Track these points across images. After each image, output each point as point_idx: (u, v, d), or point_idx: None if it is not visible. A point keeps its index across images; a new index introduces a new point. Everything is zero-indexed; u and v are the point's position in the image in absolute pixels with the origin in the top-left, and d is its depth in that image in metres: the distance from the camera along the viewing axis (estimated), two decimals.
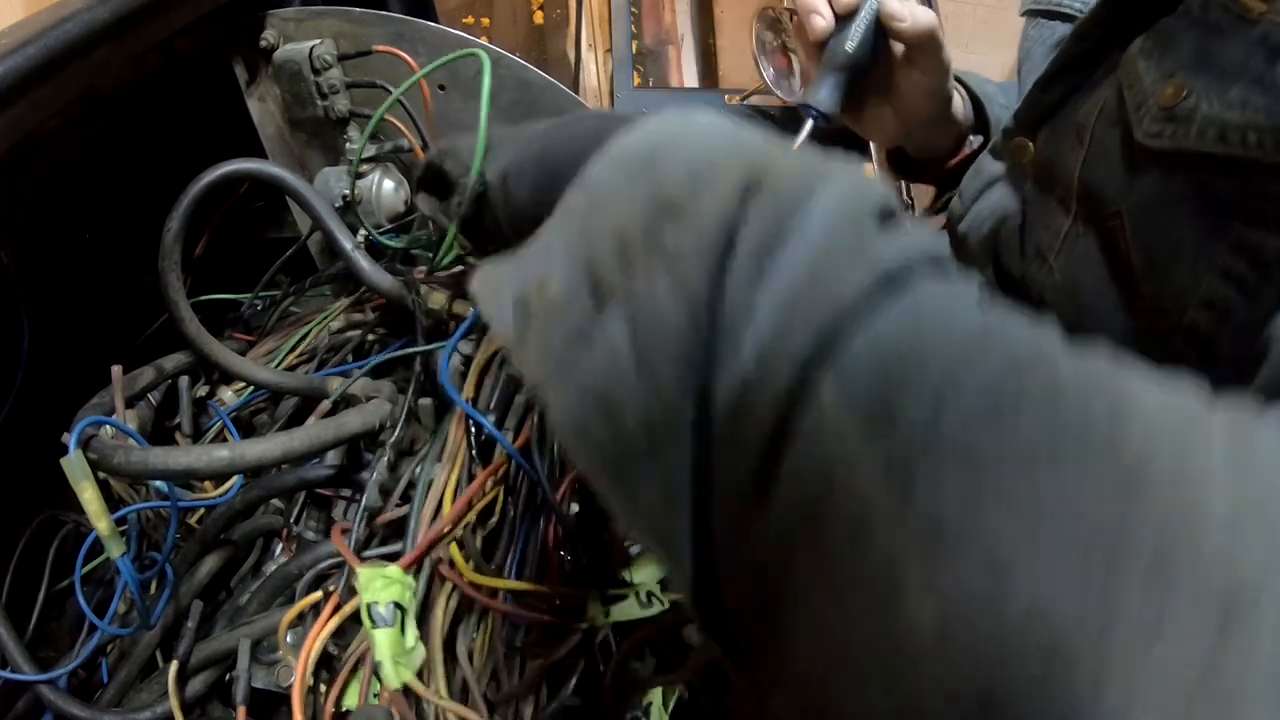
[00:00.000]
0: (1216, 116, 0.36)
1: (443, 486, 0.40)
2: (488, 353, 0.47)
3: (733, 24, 2.17)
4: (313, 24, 0.60)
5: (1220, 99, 0.36)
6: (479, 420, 0.41)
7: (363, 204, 0.62)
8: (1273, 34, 0.35)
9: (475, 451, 0.42)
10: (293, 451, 0.39)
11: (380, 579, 0.34)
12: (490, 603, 0.37)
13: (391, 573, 0.35)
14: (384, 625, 0.33)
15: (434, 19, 0.87)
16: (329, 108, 0.60)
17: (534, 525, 0.42)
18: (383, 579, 0.34)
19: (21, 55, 0.40)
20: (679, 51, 2.17)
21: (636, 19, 2.02)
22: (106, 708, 0.42)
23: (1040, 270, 0.49)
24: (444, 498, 0.39)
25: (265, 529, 0.49)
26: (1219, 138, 0.36)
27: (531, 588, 0.38)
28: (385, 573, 0.35)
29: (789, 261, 0.21)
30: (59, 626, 0.51)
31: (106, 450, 0.36)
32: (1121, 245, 0.42)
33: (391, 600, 0.34)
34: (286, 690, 0.43)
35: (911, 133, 0.65)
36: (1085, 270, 0.45)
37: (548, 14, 2.37)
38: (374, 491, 0.41)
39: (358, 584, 0.34)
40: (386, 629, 0.33)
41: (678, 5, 2.19)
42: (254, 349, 0.61)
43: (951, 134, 0.65)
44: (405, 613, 0.34)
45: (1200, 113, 0.37)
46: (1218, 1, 0.38)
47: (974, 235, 0.57)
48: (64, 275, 0.59)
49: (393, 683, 0.33)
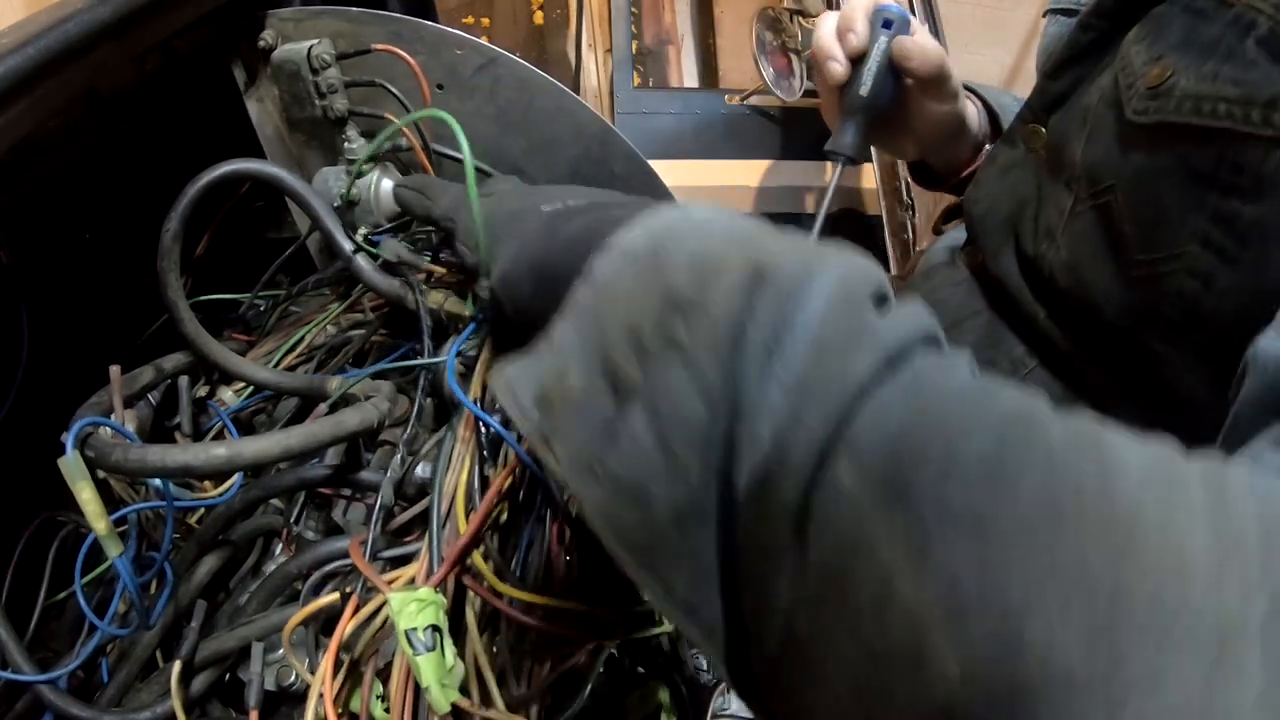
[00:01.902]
0: (1193, 90, 0.39)
1: (453, 490, 0.40)
2: (491, 354, 0.47)
3: (733, 24, 2.17)
4: (311, 24, 0.60)
5: (1196, 74, 0.39)
6: (487, 421, 0.41)
7: (361, 204, 0.62)
8: (1245, 14, 0.38)
9: (486, 452, 0.42)
10: (290, 449, 0.39)
11: (414, 603, 0.34)
12: (519, 616, 0.37)
13: (424, 595, 0.34)
14: (425, 651, 0.33)
15: (434, 19, 0.87)
16: (327, 107, 0.60)
17: (540, 527, 0.42)
18: (416, 603, 0.34)
19: (21, 55, 0.40)
20: (679, 51, 2.18)
21: (636, 19, 2.02)
22: (106, 708, 0.42)
23: (1049, 249, 0.52)
24: (456, 502, 0.39)
25: (265, 529, 0.49)
26: (1195, 109, 0.39)
27: (558, 603, 0.38)
28: (418, 596, 0.34)
29: (796, 348, 0.22)
30: (59, 627, 0.51)
31: (104, 448, 0.36)
32: (1115, 218, 0.45)
33: (429, 624, 0.33)
34: (287, 690, 0.43)
35: (929, 151, 0.69)
36: (1086, 245, 0.48)
37: (548, 14, 2.37)
38: (389, 490, 0.41)
39: (390, 610, 0.34)
40: (429, 654, 0.33)
41: (678, 5, 2.19)
42: (254, 349, 0.61)
43: (968, 146, 0.69)
44: (442, 633, 0.34)
45: (1179, 88, 0.40)
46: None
47: (992, 218, 0.60)
48: (64, 275, 0.59)
49: (443, 706, 0.32)
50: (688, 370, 0.23)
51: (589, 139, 0.62)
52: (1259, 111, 0.37)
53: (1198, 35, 0.40)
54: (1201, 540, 0.19)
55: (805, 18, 1.78)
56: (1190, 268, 0.43)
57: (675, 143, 1.87)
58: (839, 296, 0.23)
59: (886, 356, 0.22)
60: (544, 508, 0.42)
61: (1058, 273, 0.51)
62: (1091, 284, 0.48)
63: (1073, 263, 0.49)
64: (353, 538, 0.42)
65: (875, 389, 0.21)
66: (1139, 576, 0.18)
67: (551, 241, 0.34)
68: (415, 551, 0.41)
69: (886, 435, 0.21)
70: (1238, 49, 0.38)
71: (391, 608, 0.34)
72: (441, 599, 0.35)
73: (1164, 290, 0.44)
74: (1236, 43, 0.38)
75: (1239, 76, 0.37)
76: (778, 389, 0.22)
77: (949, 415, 0.21)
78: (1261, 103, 0.36)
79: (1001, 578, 0.18)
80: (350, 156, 0.62)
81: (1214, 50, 0.39)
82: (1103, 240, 0.47)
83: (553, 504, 0.41)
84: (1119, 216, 0.45)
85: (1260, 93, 0.36)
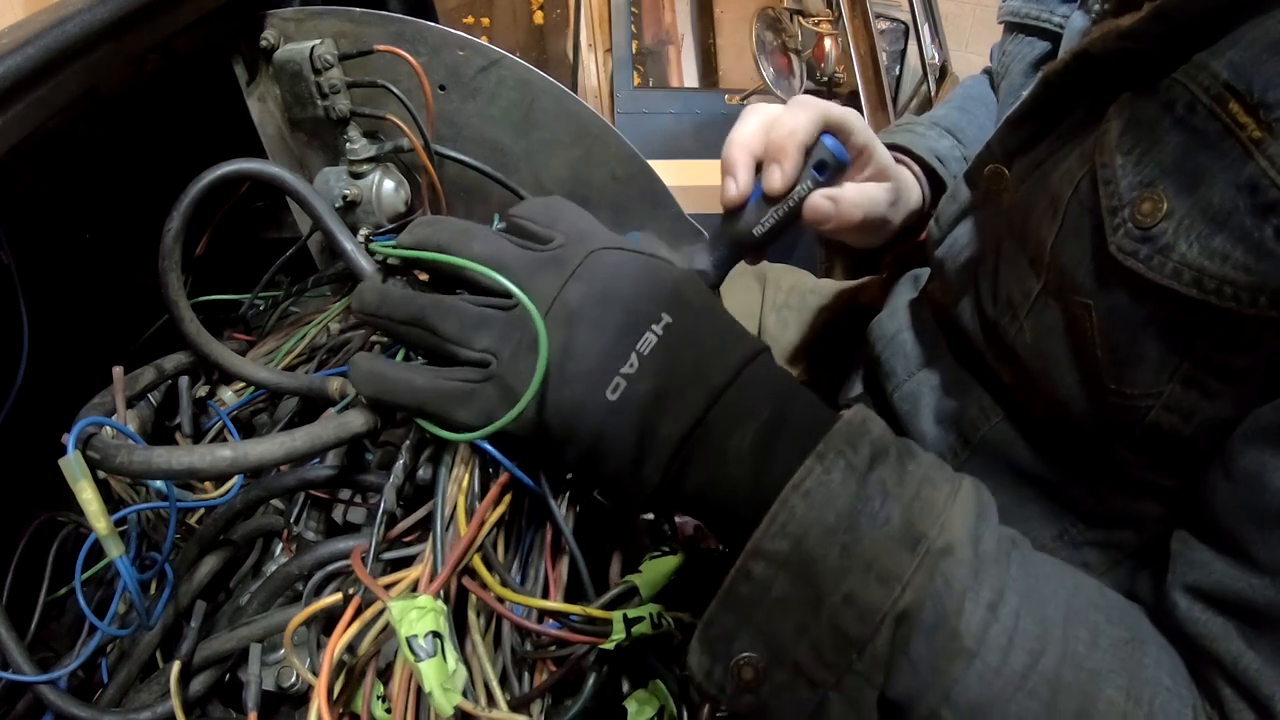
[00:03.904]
0: (1195, 263, 0.35)
1: (455, 494, 0.40)
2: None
3: (733, 24, 2.17)
4: (313, 24, 0.60)
5: (1201, 245, 0.35)
6: (487, 450, 0.40)
7: (362, 204, 0.62)
8: (1261, 185, 0.33)
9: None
10: (295, 451, 0.39)
11: (414, 610, 0.33)
12: (518, 619, 0.37)
13: (423, 602, 0.34)
14: (427, 657, 0.33)
15: (434, 19, 0.87)
16: (329, 108, 0.60)
17: (540, 530, 0.42)
18: (416, 610, 0.34)
19: (21, 55, 0.40)
20: (679, 51, 2.18)
21: (636, 19, 2.02)
22: (107, 708, 0.42)
23: (1011, 325, 0.48)
24: (458, 506, 0.39)
25: (265, 529, 0.49)
26: (1195, 283, 0.35)
27: (564, 607, 0.38)
28: (417, 603, 0.34)
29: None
30: (59, 627, 0.51)
31: (108, 450, 0.36)
32: (1089, 335, 0.41)
33: (429, 630, 0.33)
34: (288, 690, 0.43)
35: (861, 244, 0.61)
36: (1054, 343, 0.44)
37: (548, 14, 2.37)
38: (391, 495, 0.41)
39: (390, 618, 0.34)
40: (430, 660, 0.33)
41: (678, 5, 2.19)
42: (254, 349, 0.61)
43: (905, 223, 0.62)
44: (443, 638, 0.33)
45: (1177, 251, 0.35)
46: (1204, 105, 0.35)
47: (951, 264, 0.56)
48: (64, 275, 0.59)
49: (445, 710, 0.32)
50: (869, 684, 0.34)
51: (590, 140, 0.62)
52: (1268, 297, 0.33)
53: (1199, 175, 0.35)
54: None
55: (805, 18, 1.78)
56: (1170, 405, 0.40)
57: (675, 143, 1.87)
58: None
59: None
60: (542, 516, 0.42)
61: (1021, 352, 0.47)
62: (1058, 381, 0.44)
63: (1040, 352, 0.45)
64: (355, 546, 0.42)
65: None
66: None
67: (609, 431, 0.36)
68: (418, 554, 0.41)
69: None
70: (1254, 235, 0.33)
71: (392, 615, 0.34)
72: (441, 605, 0.35)
73: (1138, 419, 0.41)
74: (1253, 223, 0.33)
75: (1253, 265, 0.33)
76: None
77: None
78: (1272, 289, 0.33)
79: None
80: (352, 156, 0.62)
81: (1224, 224, 0.34)
82: (1072, 349, 0.43)
83: (550, 515, 0.41)
84: (1091, 339, 0.41)
85: (1273, 281, 0.33)
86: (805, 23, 1.76)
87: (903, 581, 0.33)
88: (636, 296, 0.37)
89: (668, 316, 0.37)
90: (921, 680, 0.34)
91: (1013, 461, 0.51)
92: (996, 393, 0.52)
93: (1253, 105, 0.33)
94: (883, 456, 0.36)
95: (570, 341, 0.36)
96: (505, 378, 0.36)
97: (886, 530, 0.34)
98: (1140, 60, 0.38)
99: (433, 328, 0.39)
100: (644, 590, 0.40)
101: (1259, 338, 0.35)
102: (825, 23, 1.75)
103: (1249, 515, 0.35)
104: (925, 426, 0.57)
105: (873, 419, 0.37)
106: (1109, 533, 0.48)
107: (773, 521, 0.34)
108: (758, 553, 0.34)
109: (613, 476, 0.37)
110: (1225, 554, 0.36)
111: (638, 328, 0.36)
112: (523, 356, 0.36)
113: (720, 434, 0.36)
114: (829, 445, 0.35)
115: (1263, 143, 0.32)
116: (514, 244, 0.40)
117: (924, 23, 1.97)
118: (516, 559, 0.41)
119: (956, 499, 0.36)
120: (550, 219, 0.41)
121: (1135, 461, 0.44)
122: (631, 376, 0.36)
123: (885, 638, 0.33)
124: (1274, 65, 0.32)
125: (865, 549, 0.34)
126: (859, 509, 0.34)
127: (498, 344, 0.37)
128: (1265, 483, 0.34)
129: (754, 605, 0.35)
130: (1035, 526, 0.50)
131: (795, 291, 0.87)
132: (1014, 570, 0.35)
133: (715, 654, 0.35)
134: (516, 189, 0.64)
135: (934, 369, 0.58)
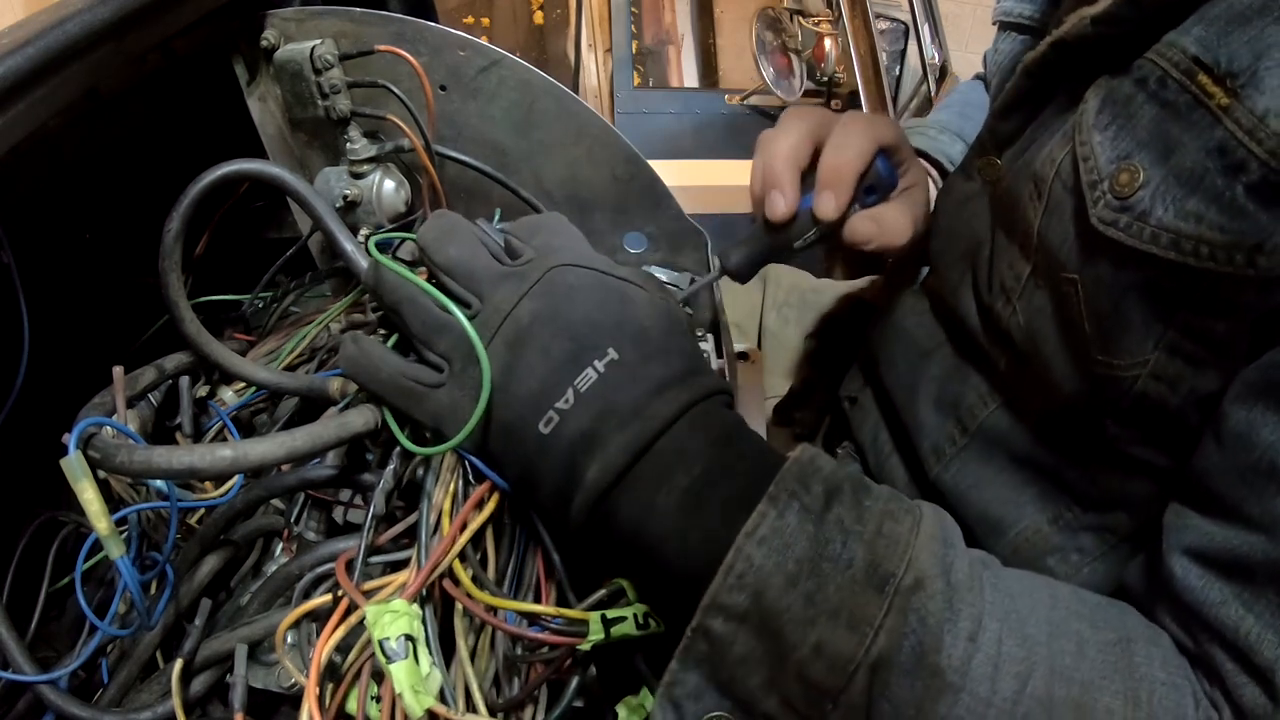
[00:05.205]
0: (1171, 225, 0.36)
1: (441, 501, 0.40)
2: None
3: (733, 24, 2.17)
4: (313, 24, 0.60)
5: (1176, 207, 0.36)
6: (472, 462, 0.40)
7: (363, 204, 0.62)
8: (1229, 147, 0.34)
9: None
10: (296, 451, 0.39)
11: (387, 614, 0.34)
12: (495, 622, 0.37)
13: (397, 606, 0.34)
14: (398, 659, 0.33)
15: (434, 19, 0.87)
16: (330, 108, 0.60)
17: (526, 536, 0.42)
18: (389, 614, 0.34)
19: (21, 55, 0.39)
20: (679, 51, 2.18)
21: (636, 19, 2.02)
22: (107, 708, 0.42)
23: (1005, 310, 0.49)
24: (444, 513, 0.39)
25: (266, 529, 0.49)
26: (1173, 245, 0.36)
27: (538, 609, 0.38)
28: (391, 608, 0.34)
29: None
30: (59, 627, 0.51)
31: (109, 450, 0.36)
32: (1075, 309, 0.42)
33: (401, 633, 0.33)
34: (287, 691, 0.43)
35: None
36: (1044, 323, 0.46)
37: (548, 14, 2.37)
38: (380, 500, 0.41)
39: (367, 622, 0.34)
40: (400, 662, 0.33)
41: (678, 5, 2.19)
42: (254, 349, 0.61)
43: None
44: (416, 641, 0.34)
45: (1154, 216, 0.37)
46: (1174, 79, 0.36)
47: (949, 254, 0.57)
48: (64, 275, 0.59)
49: (415, 712, 0.32)
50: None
51: (590, 141, 0.62)
52: (1244, 255, 0.34)
53: (1172, 143, 0.36)
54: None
55: (805, 18, 1.78)
56: (1156, 374, 0.41)
57: (675, 142, 1.87)
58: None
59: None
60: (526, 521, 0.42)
61: (1015, 335, 0.48)
62: (1050, 359, 0.46)
63: (1032, 334, 0.47)
64: (342, 553, 0.42)
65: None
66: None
67: (540, 463, 0.37)
68: (409, 557, 0.41)
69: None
70: (1225, 194, 0.34)
71: (368, 619, 0.34)
72: (415, 609, 0.35)
73: (1126, 390, 0.42)
74: (1225, 186, 0.34)
75: (1226, 224, 0.34)
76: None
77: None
78: (1248, 247, 0.34)
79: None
80: (352, 157, 0.62)
81: (1196, 186, 0.35)
82: (1060, 327, 0.45)
83: (532, 525, 0.41)
84: (1078, 312, 0.42)
85: (1247, 239, 0.34)
86: (805, 23, 1.76)
87: (874, 626, 0.32)
88: (587, 324, 0.37)
89: (613, 352, 0.36)
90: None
91: (1010, 447, 0.52)
92: (993, 379, 0.53)
93: (1220, 76, 0.34)
94: (837, 494, 0.34)
95: (515, 362, 0.37)
96: (454, 388, 0.38)
97: (851, 573, 0.32)
98: (1114, 44, 0.40)
99: (404, 321, 0.40)
100: (631, 591, 0.40)
101: (1238, 299, 0.36)
102: (825, 23, 1.75)
103: (1240, 475, 0.35)
104: (924, 415, 0.58)
105: (821, 456, 0.36)
106: (1103, 516, 0.49)
107: (729, 572, 0.32)
108: (715, 607, 0.33)
109: (542, 507, 0.38)
110: (1219, 517, 0.36)
111: (580, 361, 0.36)
112: (470, 370, 0.37)
113: (648, 486, 0.35)
114: (779, 487, 0.34)
115: (1230, 108, 0.34)
116: (489, 253, 0.41)
117: (924, 23, 1.98)
118: (511, 563, 0.41)
119: (920, 529, 0.34)
120: (530, 233, 0.43)
121: (1126, 437, 0.44)
122: (565, 413, 0.35)
123: (861, 685, 0.32)
124: (1239, 36, 0.34)
125: (830, 595, 0.32)
126: (820, 553, 0.33)
127: (451, 351, 0.38)
128: (1254, 440, 0.35)
129: (717, 663, 0.34)
130: (1032, 511, 0.52)
131: (796, 290, 0.89)
132: (989, 594, 0.34)
133: (682, 713, 0.34)
134: (517, 189, 0.64)
135: (933, 358, 0.59)
